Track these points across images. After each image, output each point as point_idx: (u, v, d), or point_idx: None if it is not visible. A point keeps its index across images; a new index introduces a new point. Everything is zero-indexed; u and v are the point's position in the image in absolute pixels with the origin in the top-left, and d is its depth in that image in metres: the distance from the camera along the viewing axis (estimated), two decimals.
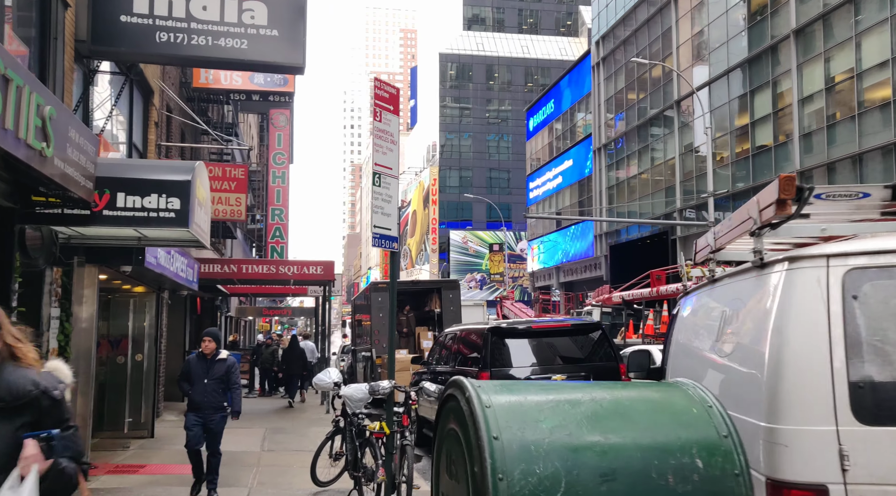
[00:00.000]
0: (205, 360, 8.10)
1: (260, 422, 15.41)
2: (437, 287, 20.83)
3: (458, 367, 10.16)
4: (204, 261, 17.05)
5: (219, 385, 8.06)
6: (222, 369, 8.09)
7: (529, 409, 2.52)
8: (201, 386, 7.99)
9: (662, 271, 23.37)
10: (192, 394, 8.07)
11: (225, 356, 8.21)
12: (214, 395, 8.04)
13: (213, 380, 8.02)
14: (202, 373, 8.01)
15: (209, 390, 8.00)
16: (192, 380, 8.08)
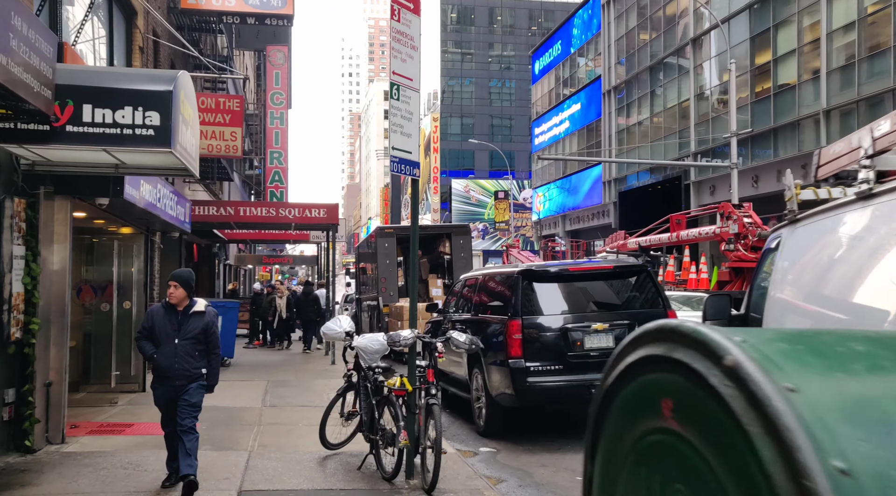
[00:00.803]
0: (175, 314, 6.12)
1: (260, 374, 14.42)
2: (447, 232, 19.68)
3: (483, 315, 9.06)
4: (198, 203, 15.88)
5: (194, 347, 6.09)
6: (198, 326, 6.11)
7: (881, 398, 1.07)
8: (170, 348, 6.00)
9: (683, 215, 22.17)
10: (158, 359, 6.05)
11: (202, 308, 6.24)
12: (188, 360, 6.05)
13: (186, 340, 6.04)
14: (171, 331, 6.04)
15: (181, 354, 6.01)
16: (157, 340, 6.07)
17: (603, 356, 7.94)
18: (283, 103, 26.99)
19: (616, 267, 8.27)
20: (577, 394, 7.91)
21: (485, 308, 9.15)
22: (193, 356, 6.10)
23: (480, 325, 9.03)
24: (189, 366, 6.07)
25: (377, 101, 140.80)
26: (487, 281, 9.32)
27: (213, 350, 6.29)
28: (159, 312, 6.20)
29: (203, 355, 6.20)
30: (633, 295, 8.40)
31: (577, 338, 7.90)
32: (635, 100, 41.20)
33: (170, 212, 10.03)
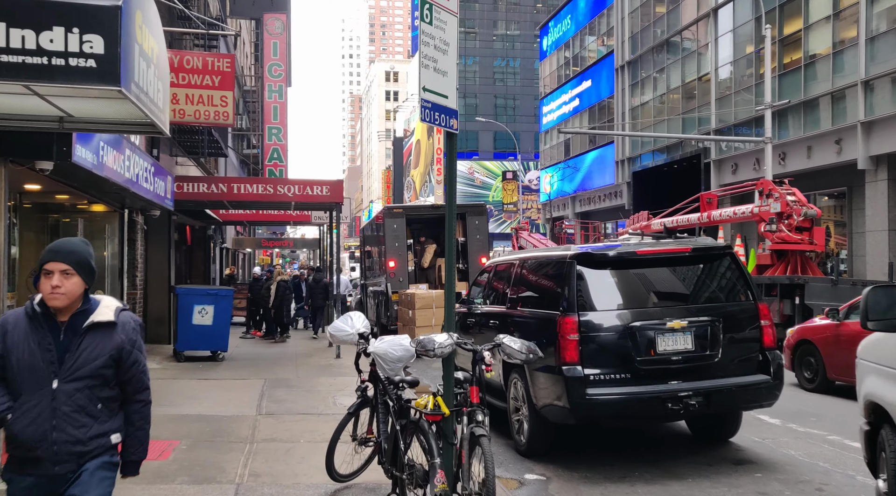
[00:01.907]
0: (52, 328, 3.10)
1: (257, 371, 12.84)
2: (461, 212, 18.02)
3: (522, 310, 7.44)
4: (186, 180, 14.26)
5: (92, 393, 3.10)
6: (101, 351, 3.10)
7: None
8: (40, 399, 3.05)
9: (713, 193, 20.50)
10: (14, 424, 3.06)
11: (112, 315, 3.18)
12: (78, 421, 3.08)
13: (74, 382, 3.07)
14: (43, 366, 3.07)
15: (63, 409, 3.06)
16: (14, 383, 3.08)
17: (682, 361, 6.33)
18: (282, 76, 25.27)
19: (694, 249, 6.63)
20: (648, 409, 6.32)
21: (525, 300, 7.54)
22: (91, 412, 3.09)
23: (519, 322, 7.43)
24: (80, 433, 3.07)
25: (378, 83, 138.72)
26: (528, 267, 7.70)
27: (135, 396, 3.24)
28: (18, 327, 3.12)
29: (112, 409, 3.18)
30: (714, 284, 6.77)
31: (649, 339, 6.29)
32: (651, 75, 39.36)
33: (145, 185, 8.40)
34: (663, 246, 6.88)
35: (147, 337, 16.63)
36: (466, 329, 9.38)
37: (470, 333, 9.17)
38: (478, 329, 8.83)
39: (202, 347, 14.17)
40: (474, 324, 8.94)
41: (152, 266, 16.74)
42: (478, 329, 8.83)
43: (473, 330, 8.96)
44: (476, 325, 8.89)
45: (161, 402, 9.44)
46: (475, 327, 8.91)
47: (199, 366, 13.39)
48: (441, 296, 15.88)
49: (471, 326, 9.10)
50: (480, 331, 8.73)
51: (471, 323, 9.07)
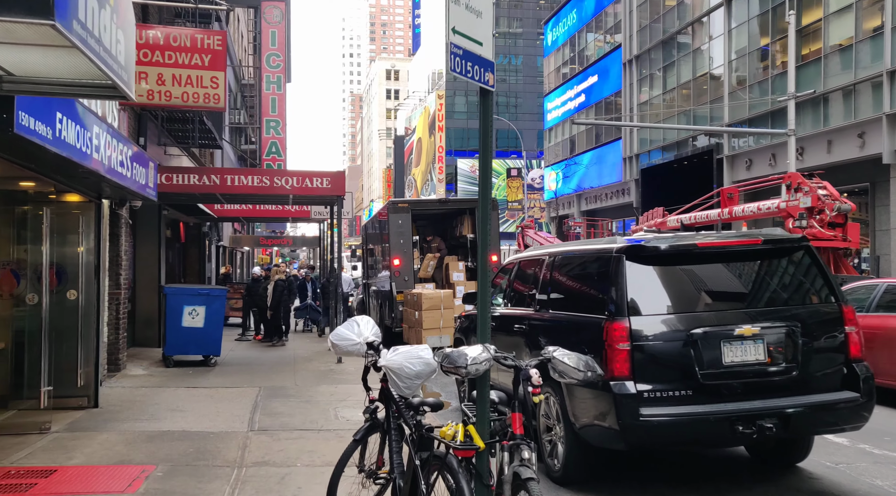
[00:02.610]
0: None
1: (251, 378, 11.79)
2: (471, 207, 16.98)
3: (559, 312, 6.39)
4: (177, 171, 13.23)
5: None
6: None
7: None
8: None
9: (735, 188, 19.44)
10: None
11: None
12: None
13: None
14: None
15: None
16: None
17: (753, 375, 5.29)
18: (280, 67, 24.20)
19: (766, 241, 5.56)
20: (713, 433, 5.27)
21: (558, 302, 6.49)
22: None
23: (551, 328, 6.39)
24: None
25: (379, 81, 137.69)
26: (561, 264, 6.64)
27: None
28: None
29: None
30: (789, 282, 5.72)
31: (713, 349, 5.24)
32: (660, 69, 38.30)
33: (121, 171, 7.34)
34: (728, 237, 5.82)
35: (134, 339, 15.58)
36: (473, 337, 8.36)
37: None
38: (498, 334, 7.79)
39: (193, 351, 13.13)
40: (493, 329, 7.88)
41: (141, 264, 15.71)
42: (498, 334, 7.79)
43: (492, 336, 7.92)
44: (495, 330, 7.84)
45: (141, 416, 8.41)
46: (494, 333, 7.86)
47: (189, 373, 12.35)
48: (450, 296, 14.83)
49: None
50: (501, 337, 7.69)
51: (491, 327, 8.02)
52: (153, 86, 10.35)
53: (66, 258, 8.62)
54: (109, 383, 10.76)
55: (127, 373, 11.89)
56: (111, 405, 9.06)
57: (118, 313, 11.80)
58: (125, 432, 7.61)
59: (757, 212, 17.66)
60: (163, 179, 12.93)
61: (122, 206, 11.30)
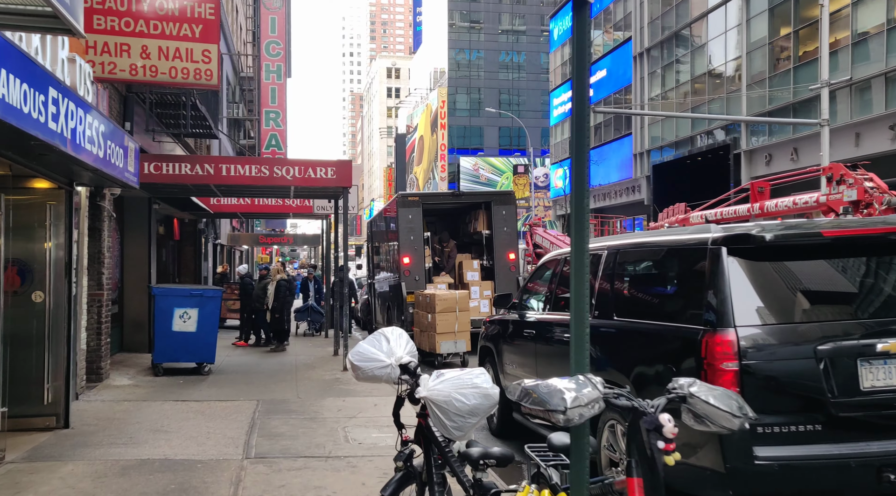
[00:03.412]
0: None
1: (249, 388, 10.56)
2: (486, 201, 15.74)
3: (634, 320, 5.13)
4: (166, 159, 11.98)
5: None
6: None
7: None
8: None
9: (766, 182, 18.14)
10: None
11: None
12: None
13: None
14: None
15: None
16: None
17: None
18: (281, 55, 22.94)
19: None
20: (851, 482, 4.02)
21: (631, 306, 5.25)
22: None
23: (620, 340, 5.15)
24: None
25: (380, 79, 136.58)
26: (630, 259, 5.40)
27: None
28: None
29: None
30: None
31: (848, 370, 4.02)
32: (672, 62, 37.05)
33: (89, 147, 6.10)
34: (859, 225, 4.59)
35: (122, 344, 14.35)
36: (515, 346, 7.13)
37: (522, 353, 6.90)
38: (534, 344, 6.56)
39: (184, 358, 11.91)
40: (533, 338, 6.65)
41: (130, 262, 14.50)
42: (534, 344, 6.56)
43: (529, 349, 6.69)
44: (535, 341, 6.61)
45: (118, 439, 7.17)
46: (533, 344, 6.64)
47: (180, 382, 11.13)
48: (465, 297, 13.61)
49: (524, 342, 6.84)
50: (540, 347, 6.46)
51: (527, 335, 6.78)
52: (136, 60, 9.12)
53: (30, 254, 7.38)
54: (88, 396, 9.52)
55: (110, 383, 10.65)
56: (85, 424, 7.82)
57: (100, 317, 10.57)
58: (96, 461, 6.37)
59: (793, 206, 16.37)
60: (151, 169, 11.70)
61: (102, 196, 10.06)
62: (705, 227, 4.58)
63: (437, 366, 13.24)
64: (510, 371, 7.31)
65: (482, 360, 8.44)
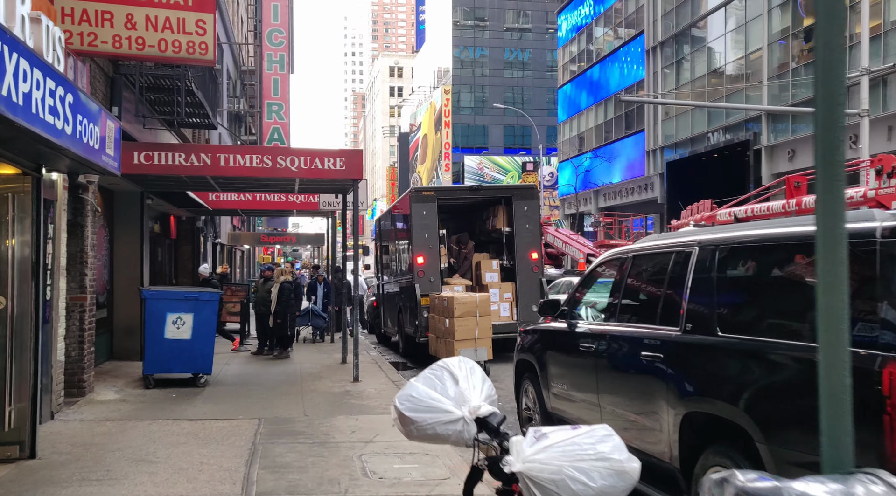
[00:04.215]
0: None
1: (249, 403, 9.40)
2: (506, 196, 14.57)
3: (751, 337, 3.93)
4: (158, 148, 10.83)
5: None
6: None
7: None
8: None
9: (803, 176, 16.94)
10: None
11: None
12: None
13: None
14: None
15: None
16: None
17: None
18: (283, 44, 21.77)
19: None
20: None
21: (747, 320, 4.05)
22: None
23: (733, 363, 3.95)
24: None
25: (382, 78, 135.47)
26: (747, 255, 4.21)
27: None
28: None
29: None
30: None
31: None
32: (688, 56, 35.85)
33: (50, 119, 4.94)
34: None
35: (112, 352, 13.20)
36: (566, 362, 5.97)
37: (577, 372, 5.73)
38: (601, 363, 5.38)
39: (178, 369, 10.75)
40: (593, 354, 5.47)
41: (120, 262, 13.35)
42: (601, 363, 5.38)
43: (588, 366, 5.51)
44: (596, 357, 5.43)
45: (93, 472, 6.01)
46: (593, 360, 5.46)
47: (172, 396, 9.97)
48: (486, 301, 12.43)
49: (579, 359, 5.66)
50: (606, 367, 5.28)
51: (586, 350, 5.60)
52: (120, 30, 7.96)
53: None
54: (66, 414, 8.36)
55: (94, 398, 9.49)
56: (57, 453, 6.66)
57: (83, 324, 9.42)
58: None
59: None
60: (141, 159, 10.56)
61: (85, 188, 8.90)
62: (866, 213, 3.40)
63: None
64: (559, 391, 6.14)
65: (519, 377, 7.27)
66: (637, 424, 4.74)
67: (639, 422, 4.74)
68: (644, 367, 4.66)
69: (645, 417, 4.65)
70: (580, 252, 27.97)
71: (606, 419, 5.25)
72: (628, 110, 42.49)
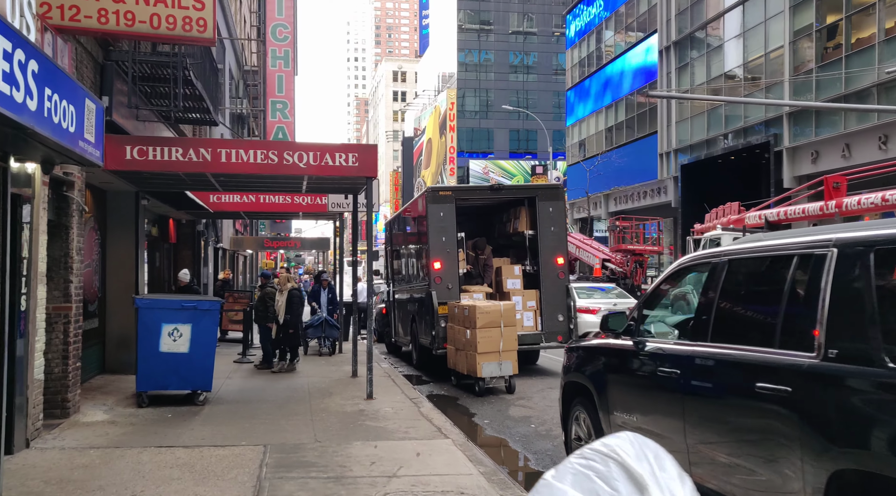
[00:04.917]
0: None
1: (253, 425, 8.36)
2: (530, 196, 13.54)
3: None
4: (152, 142, 9.82)
5: None
6: None
7: None
8: None
9: (843, 176, 15.96)
10: None
11: None
12: None
13: None
14: None
15: None
16: None
17: None
18: (288, 40, 20.79)
19: None
20: None
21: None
22: None
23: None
24: None
25: (386, 83, 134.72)
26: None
27: None
28: None
29: None
30: None
31: None
32: (703, 55, 34.84)
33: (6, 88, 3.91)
34: None
35: (104, 365, 12.18)
36: (639, 390, 4.96)
37: (657, 404, 4.70)
38: (690, 397, 4.34)
39: (174, 385, 9.74)
40: (678, 381, 4.43)
41: (113, 267, 12.34)
42: (690, 397, 4.34)
43: (673, 400, 4.47)
44: (683, 385, 4.40)
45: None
46: (679, 391, 4.42)
47: (168, 417, 8.97)
48: (511, 309, 11.41)
49: (659, 387, 4.62)
50: (698, 401, 4.25)
51: (667, 376, 4.56)
52: (107, 3, 6.97)
53: None
54: (44, 441, 7.34)
55: (79, 419, 8.47)
56: (27, 492, 5.64)
57: (67, 336, 8.41)
58: None
59: (882, 203, 14.19)
60: (134, 154, 9.55)
61: (70, 184, 7.90)
62: None
63: (477, 393, 11.04)
64: (626, 422, 5.10)
65: (568, 402, 6.22)
66: (742, 471, 3.72)
67: (749, 470, 3.72)
68: (760, 404, 3.64)
69: (761, 467, 3.62)
70: (595, 257, 26.95)
71: (696, 461, 4.21)
72: (640, 112, 41.48)
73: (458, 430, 8.28)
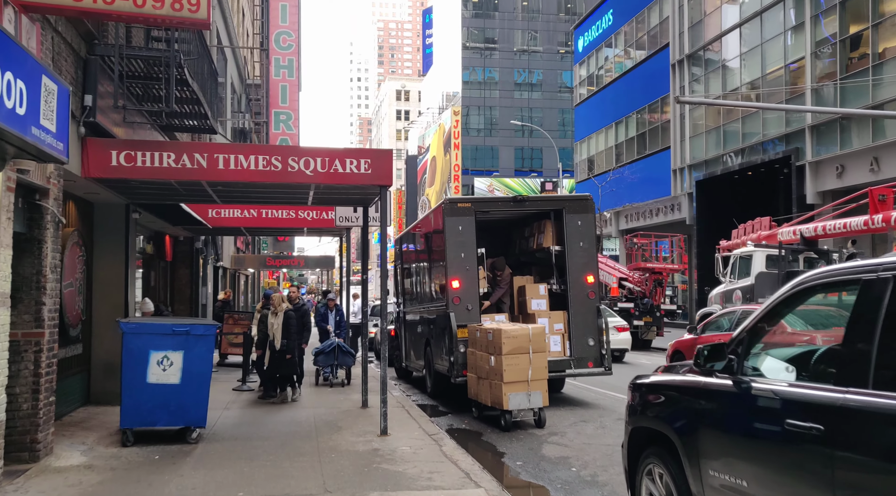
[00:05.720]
0: None
1: (252, 471, 7.18)
2: (556, 209, 12.43)
3: None
4: (141, 146, 8.75)
5: None
6: None
7: None
8: None
9: (888, 188, 14.86)
10: None
11: None
12: None
13: None
14: None
15: None
16: None
17: None
18: (293, 48, 19.81)
19: None
20: None
21: None
22: None
23: None
24: None
25: (389, 102, 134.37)
26: None
27: None
28: None
29: None
30: None
31: None
32: (719, 68, 33.88)
33: None
34: None
35: (89, 395, 11.01)
36: (757, 451, 3.82)
37: (761, 462, 3.55)
38: (831, 456, 3.20)
39: (163, 421, 8.58)
40: (804, 439, 3.29)
41: (100, 287, 11.21)
42: (831, 456, 3.20)
43: (815, 469, 3.33)
44: (816, 444, 3.26)
45: None
46: (829, 456, 3.27)
47: (155, 458, 7.81)
48: (541, 333, 10.25)
49: (791, 449, 3.48)
50: (845, 466, 3.11)
51: (804, 433, 3.41)
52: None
53: None
54: (2, 494, 6.18)
55: (50, 463, 7.31)
56: None
57: (38, 367, 7.30)
58: None
59: None
60: (121, 159, 8.50)
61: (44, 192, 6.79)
62: None
63: (504, 428, 9.85)
64: (727, 485, 3.94)
65: (636, 454, 5.06)
66: None
67: None
68: None
69: None
70: (612, 276, 25.81)
71: None
72: (651, 128, 40.52)
73: (490, 477, 7.12)
